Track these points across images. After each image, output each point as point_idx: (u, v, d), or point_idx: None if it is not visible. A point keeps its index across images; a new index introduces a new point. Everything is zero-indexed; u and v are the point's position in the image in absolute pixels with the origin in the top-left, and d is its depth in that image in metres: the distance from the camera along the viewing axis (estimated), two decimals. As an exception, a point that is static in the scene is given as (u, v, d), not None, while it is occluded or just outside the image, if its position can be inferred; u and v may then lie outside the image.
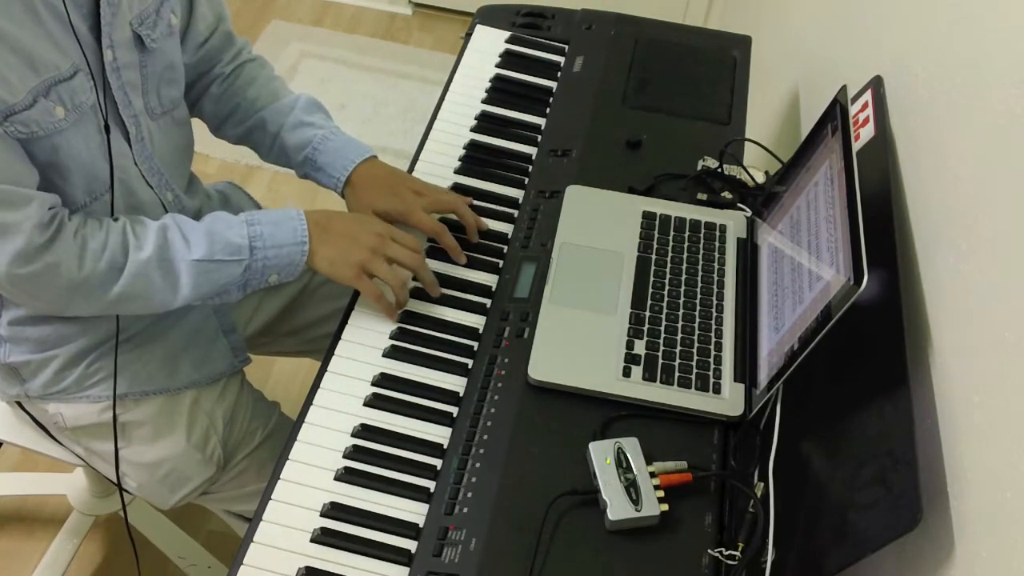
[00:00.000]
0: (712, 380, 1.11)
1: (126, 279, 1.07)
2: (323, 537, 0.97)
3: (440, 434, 1.07)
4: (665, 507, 0.98)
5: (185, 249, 1.10)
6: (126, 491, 1.30)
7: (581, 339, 1.14)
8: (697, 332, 1.16)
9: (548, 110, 1.49)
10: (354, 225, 1.17)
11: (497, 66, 1.55)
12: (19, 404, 1.30)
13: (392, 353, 1.14)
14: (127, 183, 1.15)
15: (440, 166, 1.38)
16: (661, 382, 1.10)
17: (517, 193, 1.35)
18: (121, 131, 1.14)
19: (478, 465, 1.03)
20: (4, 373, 1.23)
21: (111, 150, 1.10)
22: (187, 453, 1.26)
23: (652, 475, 1.00)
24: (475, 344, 1.15)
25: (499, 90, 1.51)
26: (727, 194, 1.34)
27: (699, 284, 1.21)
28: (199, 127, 1.35)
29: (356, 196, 1.28)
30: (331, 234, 1.15)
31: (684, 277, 1.22)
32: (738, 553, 0.96)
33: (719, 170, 1.36)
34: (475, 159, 1.39)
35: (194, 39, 1.28)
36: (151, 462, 1.27)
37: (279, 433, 1.35)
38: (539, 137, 1.44)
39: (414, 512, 1.00)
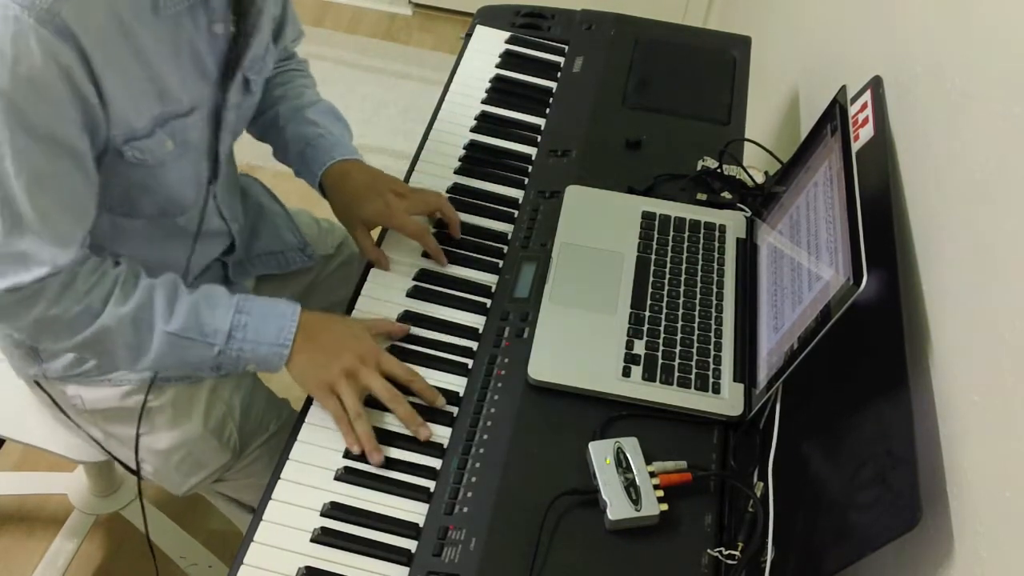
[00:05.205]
0: (712, 380, 1.11)
1: (96, 328, 1.04)
2: (323, 537, 0.98)
3: (440, 434, 1.07)
4: (665, 507, 0.98)
5: (164, 317, 1.06)
6: (138, 477, 1.29)
7: (581, 339, 1.14)
8: (697, 332, 1.16)
9: (548, 110, 1.49)
10: (341, 341, 1.11)
11: (497, 66, 1.55)
12: (37, 383, 1.30)
13: (392, 353, 1.14)
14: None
15: (440, 166, 1.38)
16: (661, 382, 1.10)
17: (517, 193, 1.35)
18: (212, 167, 1.16)
19: (478, 465, 1.03)
20: (23, 352, 1.24)
21: (208, 193, 1.14)
22: (204, 438, 1.27)
23: (652, 475, 1.00)
24: (475, 344, 1.15)
25: (499, 90, 1.51)
26: (727, 194, 1.34)
27: (699, 284, 1.21)
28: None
29: (337, 198, 1.27)
30: (315, 343, 1.11)
31: (684, 277, 1.22)
32: (738, 553, 0.96)
33: (719, 170, 1.36)
34: (475, 159, 1.39)
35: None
36: (168, 447, 1.27)
37: (290, 427, 1.35)
38: (539, 137, 1.44)
39: (414, 512, 1.00)
